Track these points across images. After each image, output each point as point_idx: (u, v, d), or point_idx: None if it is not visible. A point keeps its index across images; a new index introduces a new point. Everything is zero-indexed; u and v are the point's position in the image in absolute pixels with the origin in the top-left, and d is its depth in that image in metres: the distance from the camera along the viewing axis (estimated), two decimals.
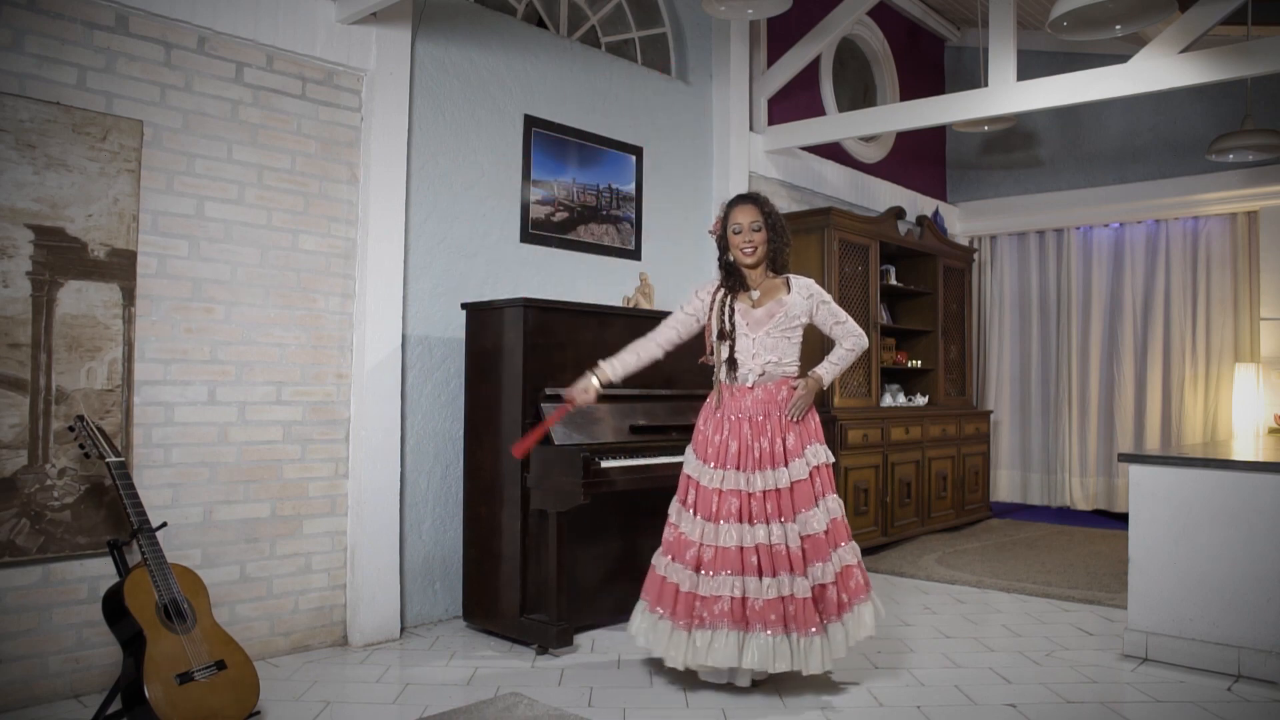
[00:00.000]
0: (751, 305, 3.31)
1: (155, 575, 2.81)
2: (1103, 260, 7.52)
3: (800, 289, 3.34)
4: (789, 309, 3.29)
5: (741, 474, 3.21)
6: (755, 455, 3.22)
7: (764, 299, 3.32)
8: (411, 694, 3.26)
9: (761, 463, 3.21)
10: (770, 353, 3.26)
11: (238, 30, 3.56)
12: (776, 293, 3.32)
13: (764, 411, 3.26)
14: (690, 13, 5.65)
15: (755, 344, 3.26)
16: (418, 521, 4.17)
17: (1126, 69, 4.84)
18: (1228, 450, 4.09)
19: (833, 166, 6.78)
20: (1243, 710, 3.13)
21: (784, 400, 3.28)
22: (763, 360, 3.26)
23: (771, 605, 3.10)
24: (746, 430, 3.25)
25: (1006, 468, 7.96)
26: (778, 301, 3.30)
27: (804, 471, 3.23)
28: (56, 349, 3.12)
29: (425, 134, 4.24)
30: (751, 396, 3.27)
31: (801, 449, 3.25)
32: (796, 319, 3.31)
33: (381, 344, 3.96)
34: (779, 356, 3.28)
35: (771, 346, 3.27)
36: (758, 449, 3.23)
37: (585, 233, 4.96)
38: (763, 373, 3.26)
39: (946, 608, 4.55)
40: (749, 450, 3.23)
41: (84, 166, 3.18)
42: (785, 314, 3.28)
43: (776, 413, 3.26)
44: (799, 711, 3.10)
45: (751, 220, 3.30)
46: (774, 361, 3.27)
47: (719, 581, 3.12)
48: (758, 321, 3.28)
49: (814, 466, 3.26)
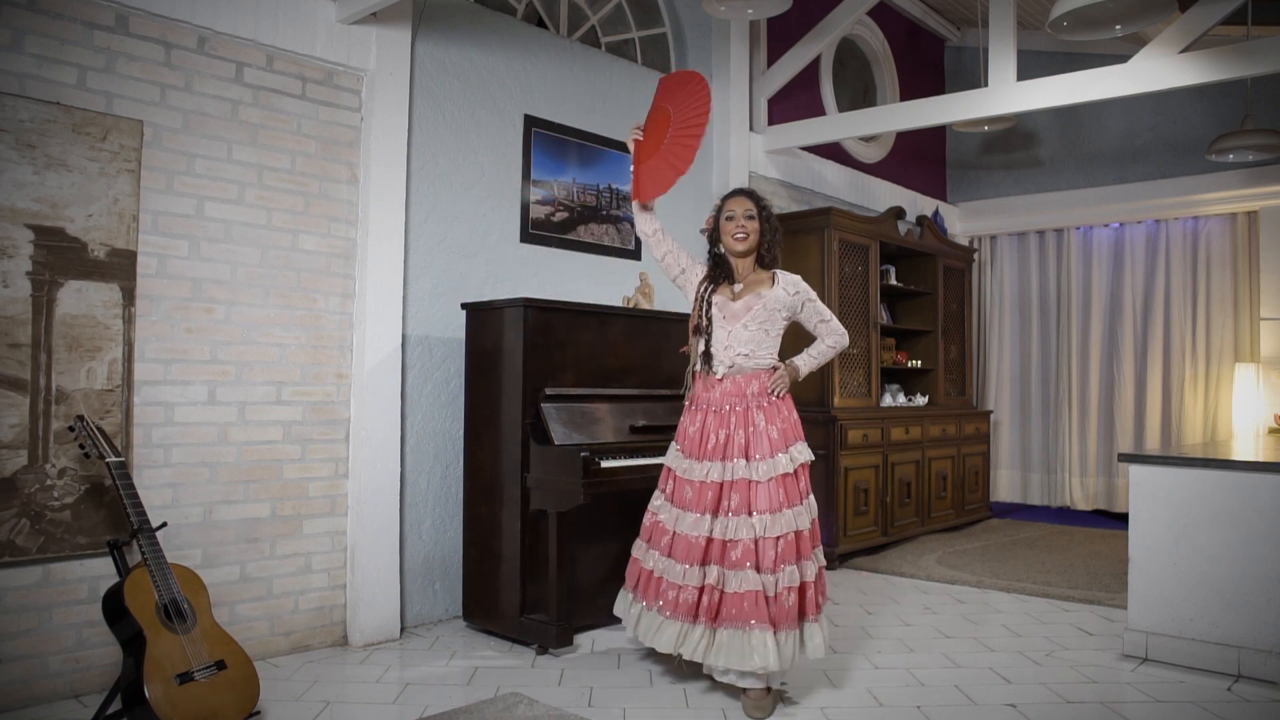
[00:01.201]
0: (731, 298, 3.31)
1: (155, 575, 2.81)
2: (1103, 260, 7.53)
3: (786, 284, 3.34)
4: (768, 302, 3.28)
5: (701, 463, 3.22)
6: (710, 445, 3.22)
7: (745, 292, 3.31)
8: (411, 694, 3.26)
9: (716, 453, 3.20)
10: (743, 345, 3.24)
11: (238, 30, 3.56)
12: (759, 286, 3.32)
13: (729, 404, 3.25)
14: (690, 13, 5.65)
15: (730, 336, 3.25)
16: (418, 521, 4.17)
17: (1126, 69, 4.84)
18: (1228, 450, 4.09)
19: (833, 166, 6.78)
20: (1243, 710, 3.13)
21: (755, 394, 3.24)
22: (734, 353, 3.25)
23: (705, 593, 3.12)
24: (711, 420, 3.25)
25: (1006, 468, 7.96)
26: (757, 295, 3.29)
27: (779, 470, 3.15)
28: (56, 349, 3.12)
29: (425, 134, 4.24)
30: (720, 388, 3.26)
31: (785, 445, 3.19)
32: (777, 313, 3.29)
33: (381, 344, 3.96)
34: (751, 349, 3.25)
35: (746, 339, 3.25)
36: (713, 439, 3.22)
37: (585, 233, 4.96)
38: (732, 365, 3.25)
39: (946, 608, 4.54)
40: (707, 439, 3.24)
41: (84, 166, 3.18)
42: (764, 307, 3.27)
43: (742, 406, 3.24)
44: (799, 711, 3.10)
45: (745, 209, 3.31)
46: (745, 355, 3.25)
47: (676, 569, 3.17)
48: (735, 314, 3.27)
49: (799, 464, 3.20)
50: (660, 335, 4.40)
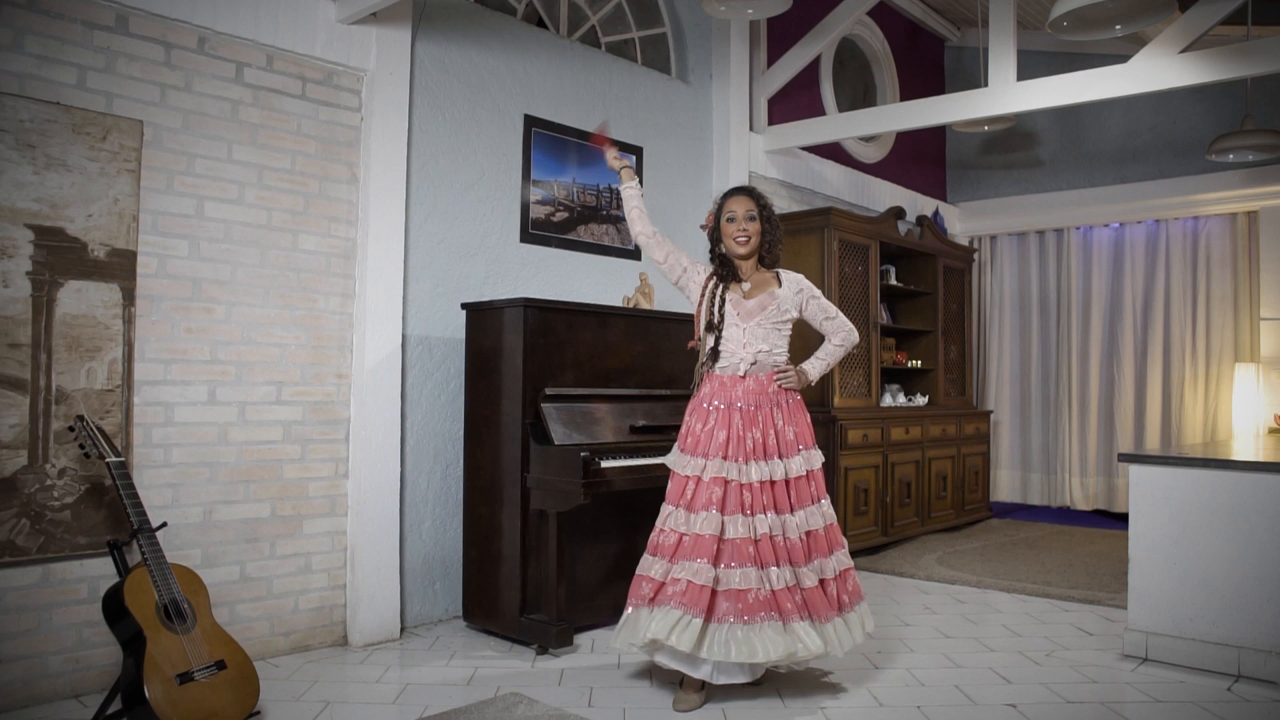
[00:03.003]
0: (743, 296, 3.28)
1: (155, 575, 2.81)
2: (1103, 260, 7.52)
3: (790, 283, 3.33)
4: (781, 302, 3.27)
5: (731, 464, 3.14)
6: (749, 446, 3.16)
7: (755, 290, 3.29)
8: (411, 694, 3.26)
9: (755, 453, 3.16)
10: (763, 342, 3.23)
11: (238, 30, 3.56)
12: (768, 285, 3.31)
13: (755, 402, 3.21)
14: (690, 13, 5.64)
15: (747, 334, 3.22)
16: (418, 521, 4.17)
17: (1126, 69, 4.84)
18: (1228, 450, 4.09)
19: (833, 166, 6.78)
20: (1243, 710, 3.13)
21: (774, 392, 3.24)
22: (754, 349, 3.22)
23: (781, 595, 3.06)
24: (737, 420, 3.19)
25: (1006, 468, 7.96)
26: (770, 294, 3.28)
27: (802, 469, 3.23)
28: (56, 349, 3.12)
29: (425, 134, 4.24)
30: (743, 386, 3.22)
31: (809, 445, 3.27)
32: (787, 312, 3.29)
33: (381, 344, 3.96)
34: (771, 346, 3.25)
35: (764, 336, 3.23)
36: (750, 439, 3.17)
37: (585, 233, 4.96)
38: (755, 362, 3.22)
39: (946, 608, 4.54)
40: (740, 440, 3.17)
41: (84, 166, 3.18)
42: (777, 306, 3.26)
43: (769, 404, 3.22)
44: (799, 711, 3.09)
45: (747, 210, 3.27)
46: (766, 350, 3.24)
47: (685, 566, 3.05)
48: (749, 312, 3.25)
49: (811, 469, 3.27)
50: (660, 335, 4.40)
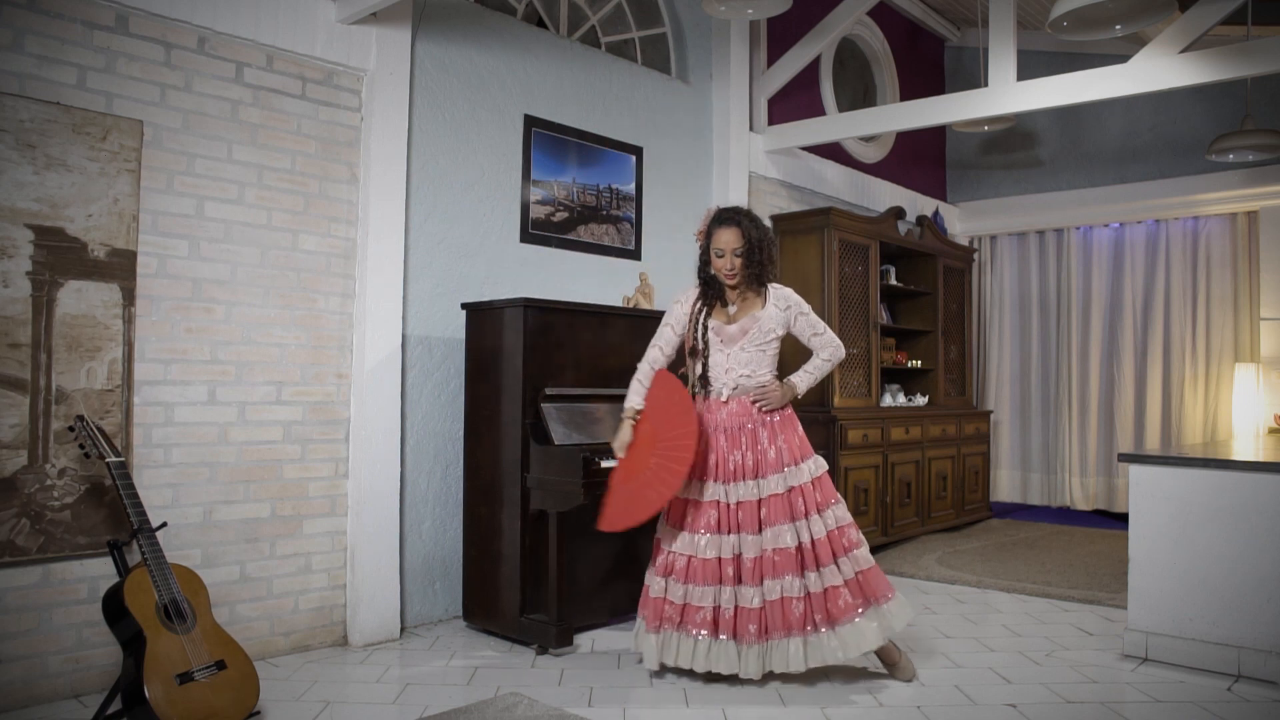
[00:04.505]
0: (726, 321, 3.39)
1: (155, 575, 2.81)
2: (1102, 260, 7.52)
3: (778, 300, 3.40)
4: (763, 324, 3.36)
5: (719, 485, 3.31)
6: (730, 468, 3.32)
7: (739, 314, 3.39)
8: (411, 694, 3.26)
9: (737, 475, 3.30)
10: (744, 366, 3.34)
11: (238, 30, 3.56)
12: (752, 308, 3.40)
13: (738, 424, 3.34)
14: (690, 13, 5.64)
15: (729, 359, 3.35)
16: (418, 521, 4.17)
17: (1126, 69, 4.84)
18: (1228, 450, 4.08)
19: (833, 166, 6.78)
20: (1243, 710, 3.13)
21: (758, 412, 3.35)
22: (735, 375, 3.35)
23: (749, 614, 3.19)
24: (723, 442, 3.34)
25: (1006, 468, 7.96)
26: (752, 317, 3.37)
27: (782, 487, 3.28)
28: (56, 349, 3.12)
29: (425, 134, 4.24)
30: (726, 410, 3.36)
31: (795, 461, 3.31)
32: (771, 331, 3.38)
33: (381, 344, 3.96)
34: (752, 370, 3.35)
35: (745, 360, 3.35)
36: (732, 461, 3.32)
37: (585, 233, 4.96)
38: (735, 386, 3.35)
39: (946, 608, 4.54)
40: (724, 462, 3.32)
41: (84, 166, 3.17)
42: (759, 329, 3.36)
43: (751, 425, 3.33)
44: (799, 712, 3.10)
45: (735, 246, 3.33)
46: (747, 375, 3.35)
47: (698, 591, 3.24)
48: (731, 338, 3.36)
49: (815, 477, 3.32)
50: None
